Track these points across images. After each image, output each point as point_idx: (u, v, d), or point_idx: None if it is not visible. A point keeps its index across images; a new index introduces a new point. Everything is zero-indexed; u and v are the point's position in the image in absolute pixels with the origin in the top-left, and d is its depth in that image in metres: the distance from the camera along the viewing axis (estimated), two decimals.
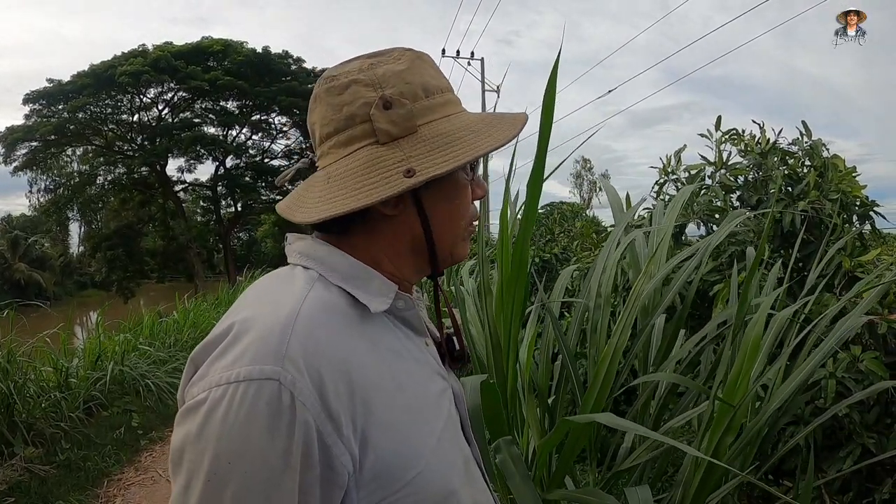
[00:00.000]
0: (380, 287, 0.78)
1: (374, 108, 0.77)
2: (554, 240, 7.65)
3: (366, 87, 0.78)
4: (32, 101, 26.16)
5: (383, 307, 0.77)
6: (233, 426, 0.63)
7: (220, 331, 0.70)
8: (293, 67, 28.86)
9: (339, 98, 0.80)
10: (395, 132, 0.77)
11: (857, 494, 2.71)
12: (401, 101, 0.77)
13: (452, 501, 0.77)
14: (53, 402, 5.08)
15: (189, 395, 0.68)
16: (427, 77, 0.81)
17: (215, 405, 0.64)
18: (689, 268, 2.27)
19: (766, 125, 3.96)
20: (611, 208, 2.79)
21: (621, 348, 1.87)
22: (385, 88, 0.78)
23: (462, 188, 0.83)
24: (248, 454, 0.63)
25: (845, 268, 3.05)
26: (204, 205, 36.25)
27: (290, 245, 0.84)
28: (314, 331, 0.69)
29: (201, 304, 11.36)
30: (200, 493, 0.63)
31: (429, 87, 0.80)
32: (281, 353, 0.65)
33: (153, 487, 4.78)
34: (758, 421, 1.93)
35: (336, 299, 0.75)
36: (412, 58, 0.82)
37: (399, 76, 0.79)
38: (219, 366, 0.66)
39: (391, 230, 0.81)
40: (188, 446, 0.65)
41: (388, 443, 0.71)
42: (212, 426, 0.63)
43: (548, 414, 2.37)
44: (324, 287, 0.75)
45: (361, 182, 0.75)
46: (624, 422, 1.40)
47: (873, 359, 2.61)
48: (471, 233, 0.89)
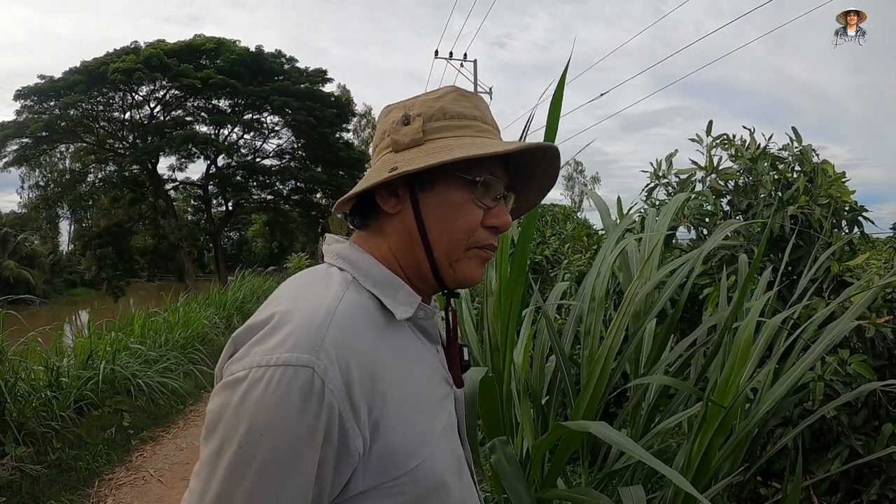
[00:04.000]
0: (405, 297, 0.88)
1: (396, 123, 0.91)
2: (545, 242, 7.67)
3: (400, 109, 0.93)
4: (24, 97, 25.93)
5: (406, 315, 0.87)
6: (269, 403, 0.72)
7: (262, 318, 0.80)
8: (286, 67, 28.75)
9: (385, 118, 0.96)
10: (405, 142, 0.89)
11: (845, 495, 2.75)
12: (417, 118, 0.90)
13: (443, 493, 0.86)
14: (44, 401, 5.05)
15: (228, 372, 0.77)
16: (455, 105, 0.92)
17: (255, 383, 0.73)
18: (681, 274, 2.30)
19: (756, 130, 4.00)
20: (600, 215, 2.83)
21: (614, 353, 1.89)
22: (411, 110, 0.92)
23: (458, 204, 0.89)
24: (279, 428, 0.72)
25: (834, 272, 3.09)
26: (195, 204, 36.07)
27: (328, 246, 0.94)
28: (347, 329, 0.78)
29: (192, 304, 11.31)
30: (231, 457, 0.73)
31: (453, 112, 0.91)
32: (317, 345, 0.75)
33: (144, 487, 4.77)
34: (748, 423, 1.96)
35: (367, 303, 0.85)
36: (450, 90, 0.94)
37: (427, 102, 0.92)
38: (260, 349, 0.76)
39: (395, 227, 0.90)
40: (225, 416, 0.74)
41: (395, 434, 0.80)
42: (249, 401, 0.73)
43: (541, 416, 2.39)
44: (357, 290, 0.85)
45: (370, 177, 0.89)
46: (616, 435, 1.42)
47: (861, 362, 2.65)
48: (483, 258, 0.94)
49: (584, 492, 1.73)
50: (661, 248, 2.55)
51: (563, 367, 2.28)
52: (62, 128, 26.36)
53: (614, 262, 2.47)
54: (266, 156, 31.11)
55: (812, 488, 2.75)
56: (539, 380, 2.44)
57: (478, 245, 0.92)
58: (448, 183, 0.88)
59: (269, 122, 30.10)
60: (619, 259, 2.61)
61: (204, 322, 9.94)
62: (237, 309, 12.54)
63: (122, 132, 28.55)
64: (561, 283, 3.04)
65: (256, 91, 27.06)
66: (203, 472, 0.76)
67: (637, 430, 2.30)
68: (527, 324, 2.63)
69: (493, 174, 0.90)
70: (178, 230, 29.14)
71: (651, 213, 2.78)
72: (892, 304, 2.86)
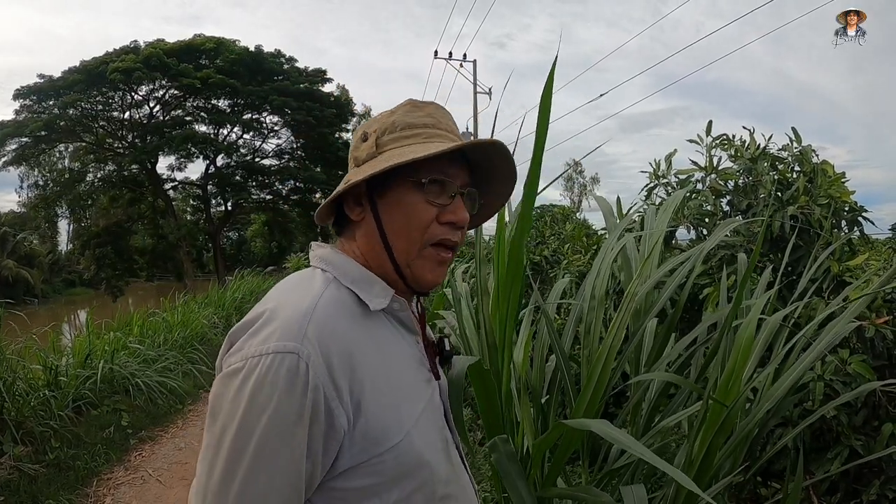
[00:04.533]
0: (380, 291, 0.98)
1: (357, 142, 1.04)
2: (544, 242, 7.66)
3: (362, 128, 1.06)
4: (23, 96, 25.93)
5: (381, 306, 0.97)
6: (262, 386, 0.82)
7: (254, 315, 0.91)
8: (285, 67, 28.76)
9: (356, 136, 1.07)
10: (363, 157, 1.01)
11: (845, 495, 2.75)
12: (372, 134, 1.01)
13: (426, 471, 0.94)
14: (43, 400, 5.05)
15: (227, 364, 0.87)
16: (405, 117, 1.02)
17: (251, 371, 0.83)
18: (682, 272, 2.29)
19: (756, 131, 4.00)
20: (603, 216, 2.83)
21: (615, 352, 1.89)
22: (368, 128, 1.04)
23: (409, 204, 0.98)
24: (272, 408, 0.82)
25: (833, 272, 3.09)
26: (194, 203, 36.12)
27: (313, 252, 1.04)
28: (327, 320, 0.88)
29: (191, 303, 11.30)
30: (232, 438, 0.82)
31: (405, 124, 1.01)
32: (301, 334, 0.85)
33: (143, 487, 4.77)
34: (748, 422, 1.95)
35: (346, 298, 0.95)
36: (405, 104, 1.04)
37: (382, 119, 1.03)
38: (253, 342, 0.86)
39: (363, 233, 1.01)
40: (226, 402, 0.84)
41: (376, 413, 0.89)
42: (247, 386, 0.83)
43: (541, 415, 2.39)
44: (336, 287, 0.95)
45: (336, 189, 1.01)
46: (616, 433, 1.42)
47: (861, 362, 2.65)
48: (439, 259, 1.02)
49: (584, 490, 1.73)
50: (661, 247, 2.54)
51: (562, 366, 2.27)
52: (61, 127, 26.36)
53: (614, 261, 2.46)
54: (265, 156, 31.15)
55: (812, 488, 2.75)
56: (539, 379, 2.43)
57: (433, 241, 1.00)
58: (401, 186, 0.98)
59: (269, 122, 30.16)
60: (620, 258, 2.61)
61: (203, 322, 9.94)
62: (236, 309, 12.53)
63: (121, 132, 28.56)
64: (561, 280, 3.04)
65: (256, 91, 27.07)
66: (208, 455, 0.85)
67: (637, 429, 2.29)
68: (526, 323, 2.63)
69: (444, 173, 0.98)
70: (177, 230, 29.13)
71: (650, 212, 2.77)
72: (891, 305, 2.86)
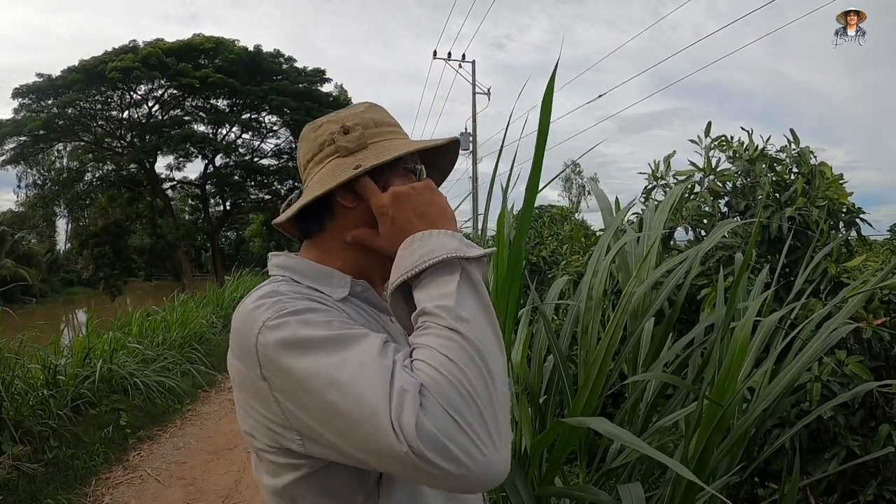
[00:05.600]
0: (339, 281, 1.02)
1: (337, 133, 1.06)
2: (543, 243, 7.68)
3: (333, 123, 1.08)
4: (22, 95, 25.87)
5: (342, 295, 1.00)
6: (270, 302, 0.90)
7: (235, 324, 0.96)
8: (284, 67, 28.71)
9: (314, 133, 1.09)
10: (352, 147, 1.04)
11: (842, 496, 2.76)
12: (356, 127, 1.06)
13: None
14: (41, 399, 5.06)
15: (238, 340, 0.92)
16: (378, 116, 1.09)
17: (256, 308, 0.91)
18: (679, 273, 2.30)
19: (754, 132, 4.01)
20: (601, 212, 2.83)
21: (612, 351, 1.90)
22: (346, 122, 1.07)
23: None
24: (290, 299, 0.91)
25: (831, 273, 3.09)
26: (192, 203, 36.00)
27: (270, 261, 1.07)
28: (294, 291, 0.94)
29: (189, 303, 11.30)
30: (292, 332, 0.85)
31: (378, 121, 1.08)
32: (276, 290, 0.94)
33: (141, 486, 4.77)
34: (745, 421, 1.96)
35: (306, 291, 0.97)
36: (368, 105, 1.12)
37: (356, 115, 1.08)
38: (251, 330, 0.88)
39: (355, 220, 1.04)
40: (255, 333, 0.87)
41: None
42: (260, 310, 0.90)
43: (539, 415, 2.40)
44: (291, 283, 0.99)
45: (325, 180, 1.02)
46: (615, 429, 1.43)
47: (858, 363, 2.66)
48: None
49: (582, 489, 1.74)
50: (659, 248, 2.55)
51: (560, 366, 2.28)
52: (60, 126, 26.29)
53: (612, 262, 2.47)
54: (264, 155, 31.08)
55: (809, 489, 2.76)
56: (537, 379, 2.44)
57: None
58: (393, 173, 1.03)
59: (268, 122, 30.08)
60: (618, 258, 2.62)
61: (201, 321, 9.94)
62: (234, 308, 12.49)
63: (119, 131, 28.49)
64: (559, 280, 3.04)
65: (255, 90, 27.02)
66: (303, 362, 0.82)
67: (635, 430, 2.30)
68: (524, 323, 2.64)
69: (416, 163, 1.08)
70: (175, 230, 29.08)
71: (649, 211, 2.78)
72: (888, 306, 2.87)
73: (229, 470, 5.18)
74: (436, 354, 0.78)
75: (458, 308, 0.82)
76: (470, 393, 0.75)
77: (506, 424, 0.79)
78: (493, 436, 0.75)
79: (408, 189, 0.98)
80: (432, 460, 0.71)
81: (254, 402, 0.89)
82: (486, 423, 0.75)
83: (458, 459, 0.72)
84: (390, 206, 0.97)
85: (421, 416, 0.72)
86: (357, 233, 1.03)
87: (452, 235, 0.92)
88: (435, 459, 0.71)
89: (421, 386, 0.75)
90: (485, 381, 0.77)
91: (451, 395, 0.74)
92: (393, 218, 0.97)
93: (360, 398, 0.75)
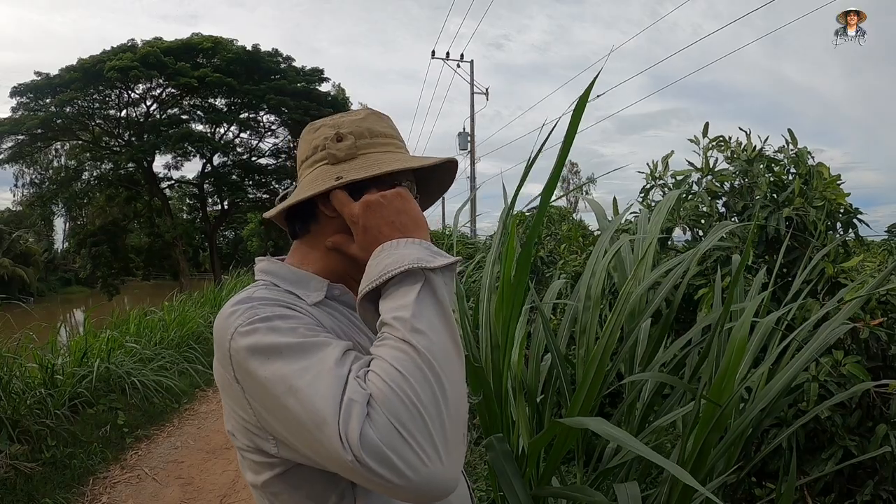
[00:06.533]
0: (316, 285, 1.05)
1: (330, 139, 1.07)
2: (540, 242, 7.67)
3: (329, 128, 1.09)
4: (20, 94, 25.87)
5: (318, 298, 1.03)
6: (243, 309, 0.93)
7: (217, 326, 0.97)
8: (282, 66, 28.70)
9: (312, 136, 1.11)
10: (341, 156, 1.06)
11: (839, 496, 2.76)
12: (349, 136, 1.07)
13: None
14: (39, 398, 5.05)
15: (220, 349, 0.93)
16: (376, 125, 1.10)
17: (232, 315, 0.92)
18: (676, 274, 2.31)
19: (752, 132, 4.01)
20: (596, 218, 2.84)
21: (609, 351, 1.90)
22: (341, 129, 1.08)
23: None
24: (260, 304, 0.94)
25: (828, 274, 3.10)
26: (190, 202, 35.99)
27: (256, 266, 1.10)
28: (267, 295, 0.97)
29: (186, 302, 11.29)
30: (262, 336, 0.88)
31: (375, 132, 1.09)
32: (246, 297, 0.96)
33: (139, 485, 4.77)
34: (742, 421, 1.96)
35: (283, 295, 1.00)
36: (369, 112, 1.12)
37: (354, 122, 1.09)
38: (226, 335, 0.91)
39: (335, 227, 1.06)
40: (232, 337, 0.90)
41: None
42: (235, 316, 0.92)
43: (536, 414, 2.40)
44: (270, 288, 1.02)
45: (309, 186, 1.04)
46: (612, 429, 1.43)
47: (855, 363, 2.66)
48: None
49: (579, 489, 1.74)
50: (657, 248, 2.55)
51: (558, 365, 2.29)
52: (58, 125, 26.30)
53: (610, 263, 2.47)
54: (262, 155, 31.10)
55: (807, 489, 2.76)
56: (535, 378, 2.45)
57: None
58: (380, 189, 1.02)
59: (266, 121, 30.11)
60: (615, 259, 2.62)
61: (199, 321, 9.92)
62: None
63: (117, 130, 28.49)
64: (557, 281, 3.05)
65: (253, 90, 27.02)
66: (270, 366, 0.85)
67: (633, 429, 2.30)
68: (522, 322, 2.64)
69: (408, 180, 1.10)
70: (173, 229, 29.05)
71: (645, 212, 2.78)
72: (886, 307, 2.88)
73: (227, 469, 5.18)
74: (387, 366, 0.80)
75: (413, 320, 0.83)
76: (416, 405, 0.77)
77: (456, 436, 0.80)
78: (440, 448, 0.77)
79: (378, 198, 0.99)
80: (375, 469, 0.74)
81: (232, 404, 0.93)
82: (433, 435, 0.76)
83: (400, 470, 0.74)
84: (361, 215, 0.99)
85: (366, 427, 0.75)
86: (335, 239, 1.06)
87: (419, 244, 0.93)
88: (377, 469, 0.74)
89: (370, 397, 0.77)
90: (434, 393, 0.79)
91: (396, 407, 0.76)
92: (364, 227, 0.99)
93: (313, 406, 0.78)
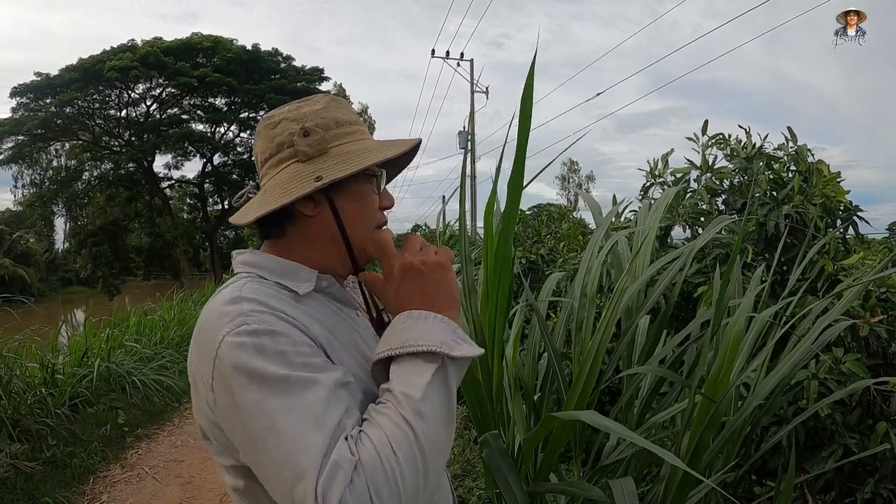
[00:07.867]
0: (305, 276, 1.02)
1: (297, 135, 1.03)
2: (540, 241, 7.67)
3: (292, 122, 1.05)
4: (20, 94, 25.92)
5: (308, 289, 1.00)
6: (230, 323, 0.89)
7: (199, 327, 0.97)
8: (282, 65, 28.75)
9: (272, 132, 1.06)
10: (311, 152, 1.02)
11: (840, 494, 2.75)
12: (316, 130, 1.03)
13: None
14: (39, 398, 5.05)
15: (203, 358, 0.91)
16: (338, 113, 1.07)
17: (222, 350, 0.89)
18: (674, 269, 2.30)
19: (752, 130, 4.00)
20: (592, 216, 2.83)
21: (605, 345, 1.89)
22: (305, 122, 1.04)
23: (366, 195, 1.06)
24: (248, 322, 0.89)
25: (828, 271, 3.09)
26: (191, 202, 36.05)
27: (234, 259, 1.07)
28: (257, 295, 0.93)
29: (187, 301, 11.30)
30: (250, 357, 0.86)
31: (339, 121, 1.06)
32: (237, 296, 0.92)
33: (139, 484, 4.77)
34: (739, 416, 1.96)
35: (270, 288, 0.97)
36: (328, 100, 1.09)
37: (316, 113, 1.05)
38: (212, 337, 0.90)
39: (315, 228, 1.04)
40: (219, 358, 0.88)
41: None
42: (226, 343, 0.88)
43: (533, 411, 2.39)
44: (258, 282, 0.98)
45: (285, 189, 1.00)
46: (605, 420, 1.43)
47: (855, 360, 2.66)
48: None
49: (575, 484, 1.74)
50: (655, 244, 2.55)
51: (554, 362, 2.28)
52: (58, 125, 26.35)
53: (606, 259, 2.47)
54: None
55: (806, 486, 2.76)
56: (531, 376, 2.44)
57: (379, 225, 1.08)
58: (357, 179, 1.03)
59: None
60: (612, 256, 2.61)
61: None
62: None
63: (118, 130, 28.54)
64: (553, 276, 3.04)
65: (253, 89, 27.05)
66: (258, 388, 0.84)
67: (630, 426, 2.30)
68: (518, 320, 2.63)
69: (379, 166, 1.07)
70: (173, 229, 29.09)
71: (644, 209, 2.78)
72: (885, 304, 2.87)
73: None
74: (384, 441, 0.80)
75: (420, 403, 0.83)
76: (398, 485, 0.78)
77: None
78: None
79: (419, 265, 0.96)
80: None
81: (202, 403, 0.93)
82: None
83: None
84: (399, 276, 0.97)
85: (346, 494, 0.75)
86: (366, 277, 1.06)
87: (447, 326, 0.92)
88: None
89: (357, 462, 0.78)
90: (417, 478, 0.80)
91: (380, 481, 0.77)
92: (398, 288, 0.97)
93: (294, 455, 0.79)
